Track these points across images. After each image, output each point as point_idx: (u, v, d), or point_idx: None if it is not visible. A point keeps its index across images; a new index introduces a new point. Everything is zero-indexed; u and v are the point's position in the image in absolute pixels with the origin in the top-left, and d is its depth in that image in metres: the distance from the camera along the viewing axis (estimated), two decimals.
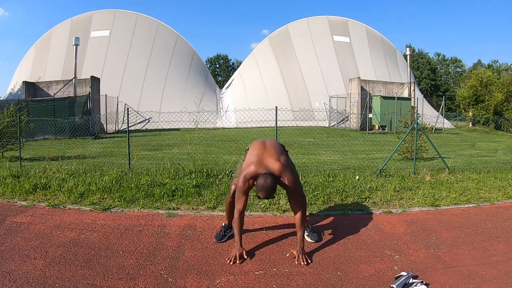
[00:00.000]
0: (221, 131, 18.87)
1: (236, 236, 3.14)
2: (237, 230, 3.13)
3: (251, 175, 3.01)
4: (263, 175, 2.93)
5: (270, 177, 2.92)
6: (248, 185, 3.06)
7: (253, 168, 3.01)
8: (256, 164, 3.03)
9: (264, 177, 2.91)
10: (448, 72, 57.59)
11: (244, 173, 3.05)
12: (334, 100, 22.73)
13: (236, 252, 3.06)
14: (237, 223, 3.11)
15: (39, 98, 16.84)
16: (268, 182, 2.88)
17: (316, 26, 27.33)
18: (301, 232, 3.11)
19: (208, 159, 7.77)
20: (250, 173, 3.01)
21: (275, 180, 2.94)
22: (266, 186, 2.88)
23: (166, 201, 4.62)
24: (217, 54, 57.99)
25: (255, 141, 3.40)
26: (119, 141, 12.70)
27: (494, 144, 13.40)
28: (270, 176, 2.92)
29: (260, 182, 2.90)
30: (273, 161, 3.05)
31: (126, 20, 24.84)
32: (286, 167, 3.07)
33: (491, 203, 4.87)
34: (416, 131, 6.84)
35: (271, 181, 2.89)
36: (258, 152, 3.14)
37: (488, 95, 24.69)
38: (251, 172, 3.01)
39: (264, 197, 2.94)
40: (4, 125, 8.62)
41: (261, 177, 2.93)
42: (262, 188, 2.89)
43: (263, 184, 2.89)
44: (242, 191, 3.06)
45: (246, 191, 3.09)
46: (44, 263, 2.95)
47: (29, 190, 5.04)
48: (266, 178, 2.91)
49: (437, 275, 2.83)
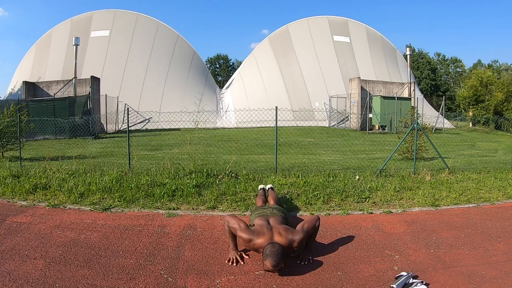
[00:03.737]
0: (221, 131, 18.87)
1: (230, 242, 3.16)
2: (231, 237, 3.13)
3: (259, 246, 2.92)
4: (271, 243, 2.85)
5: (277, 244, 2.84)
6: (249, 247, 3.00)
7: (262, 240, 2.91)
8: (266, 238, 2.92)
9: (272, 244, 2.83)
10: (448, 72, 57.58)
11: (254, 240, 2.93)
12: (334, 100, 22.72)
13: (232, 256, 3.08)
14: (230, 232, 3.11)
15: (39, 98, 16.84)
16: (276, 247, 2.79)
17: (316, 26, 27.33)
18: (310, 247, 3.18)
19: (208, 159, 7.77)
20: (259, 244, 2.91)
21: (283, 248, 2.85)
22: (275, 251, 2.76)
23: (166, 201, 4.62)
24: (217, 54, 58.02)
25: (260, 221, 3.23)
26: (119, 141, 12.69)
27: (494, 144, 13.40)
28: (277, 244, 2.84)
29: (267, 249, 2.80)
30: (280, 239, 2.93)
31: (126, 20, 24.83)
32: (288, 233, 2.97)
33: (491, 203, 4.87)
34: (416, 131, 6.83)
35: (279, 246, 2.80)
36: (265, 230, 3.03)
37: (488, 95, 24.68)
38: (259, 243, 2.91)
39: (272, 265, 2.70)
40: (4, 125, 8.62)
41: (268, 245, 2.84)
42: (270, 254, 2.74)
43: (271, 249, 2.78)
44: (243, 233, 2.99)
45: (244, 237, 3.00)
46: (44, 263, 2.95)
47: (29, 190, 5.04)
48: (273, 244, 2.82)
49: (437, 275, 2.82)
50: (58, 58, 23.45)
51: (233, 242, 3.14)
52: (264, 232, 2.98)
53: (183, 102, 20.48)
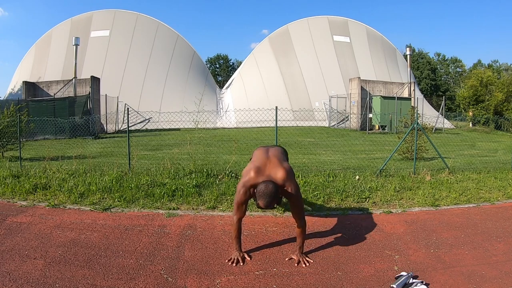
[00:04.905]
0: (221, 131, 18.87)
1: (234, 242, 3.12)
2: (236, 236, 3.10)
3: (251, 183, 2.92)
4: (265, 182, 2.85)
5: (272, 183, 2.83)
6: (249, 195, 2.96)
7: (253, 174, 2.92)
8: (256, 171, 2.94)
9: (265, 183, 2.83)
10: (448, 72, 57.57)
11: (244, 181, 2.96)
12: (334, 100, 22.72)
13: (236, 256, 3.05)
14: (235, 230, 3.08)
15: (39, 98, 16.84)
16: (269, 188, 2.79)
17: (316, 26, 27.33)
18: (301, 239, 3.08)
19: (208, 159, 7.77)
20: (250, 181, 2.92)
21: (277, 187, 2.85)
22: (268, 192, 2.77)
23: (166, 201, 4.62)
24: (217, 54, 58.02)
25: (258, 149, 3.32)
26: (119, 141, 12.69)
27: (494, 144, 13.40)
28: (272, 183, 2.84)
29: (260, 188, 2.81)
30: (275, 170, 2.96)
31: (126, 20, 24.83)
32: (290, 175, 2.98)
33: (491, 203, 4.87)
34: (416, 131, 6.83)
35: (272, 187, 2.80)
36: (260, 161, 3.06)
37: (488, 95, 24.69)
38: (251, 179, 2.92)
39: (264, 204, 2.79)
40: (4, 125, 8.62)
41: (262, 183, 2.84)
42: (262, 194, 2.78)
43: (263, 190, 2.79)
44: (242, 201, 2.98)
45: (246, 201, 3.01)
46: (44, 263, 2.95)
47: (29, 190, 5.04)
48: (267, 184, 2.82)
49: (437, 275, 2.82)
50: (58, 58, 23.45)
51: (238, 242, 3.11)
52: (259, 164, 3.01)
53: (183, 102, 20.47)
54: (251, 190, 2.94)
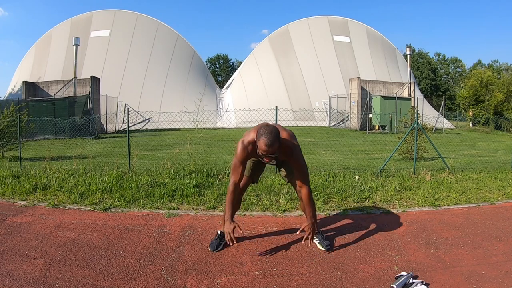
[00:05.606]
0: (221, 131, 18.87)
1: (226, 209, 2.91)
2: (228, 202, 2.86)
3: (249, 140, 2.75)
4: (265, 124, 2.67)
5: (273, 126, 2.64)
6: (247, 152, 2.78)
7: (252, 134, 2.75)
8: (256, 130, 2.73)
9: (267, 124, 2.65)
10: (448, 72, 57.60)
11: (242, 139, 2.81)
12: (334, 100, 22.73)
13: (227, 229, 2.86)
14: (229, 194, 2.87)
15: (39, 98, 16.85)
16: (271, 127, 2.58)
17: (316, 26, 27.34)
18: (310, 208, 2.91)
19: (208, 159, 7.77)
20: (249, 138, 2.76)
21: (279, 132, 2.62)
22: (269, 130, 2.54)
23: (166, 201, 4.62)
24: (217, 54, 58.12)
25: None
26: (119, 141, 12.69)
27: (494, 144, 13.40)
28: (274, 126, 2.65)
29: (261, 129, 2.58)
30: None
31: (126, 20, 24.84)
32: (292, 136, 2.86)
33: (491, 203, 4.87)
34: (416, 131, 6.84)
35: (273, 128, 2.59)
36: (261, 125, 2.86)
37: (488, 95, 24.70)
38: (250, 136, 2.76)
39: (266, 143, 2.49)
40: (4, 125, 8.62)
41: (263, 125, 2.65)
42: (264, 133, 2.53)
43: (265, 129, 2.56)
44: (240, 159, 2.82)
45: (244, 159, 2.84)
46: (44, 263, 2.94)
47: (29, 190, 5.04)
48: (268, 124, 2.65)
49: (437, 275, 2.82)
50: (58, 58, 23.46)
51: (229, 209, 2.91)
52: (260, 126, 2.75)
53: (183, 102, 20.49)
54: (250, 148, 2.77)
